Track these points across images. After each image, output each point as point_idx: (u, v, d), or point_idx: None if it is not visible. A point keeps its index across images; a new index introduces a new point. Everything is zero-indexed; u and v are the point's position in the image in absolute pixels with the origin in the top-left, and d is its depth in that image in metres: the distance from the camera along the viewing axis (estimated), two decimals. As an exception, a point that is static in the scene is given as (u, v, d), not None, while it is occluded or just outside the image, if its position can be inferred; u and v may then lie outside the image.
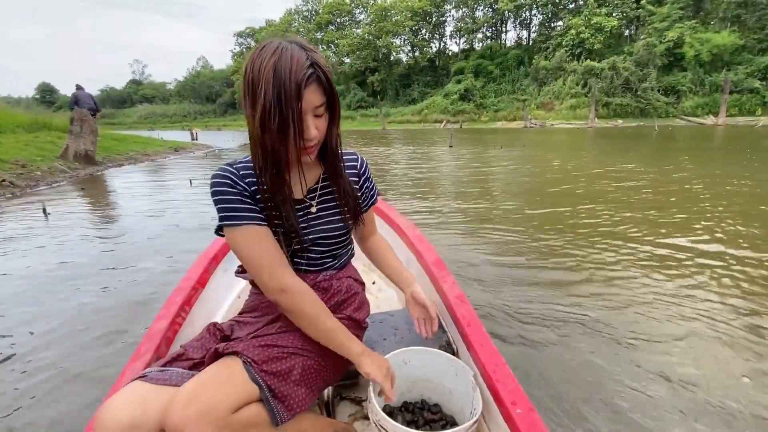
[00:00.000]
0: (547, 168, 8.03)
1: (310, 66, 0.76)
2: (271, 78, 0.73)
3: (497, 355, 0.99)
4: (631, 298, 2.41)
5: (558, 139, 17.92)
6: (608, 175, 6.73)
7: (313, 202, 0.94)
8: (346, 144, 16.56)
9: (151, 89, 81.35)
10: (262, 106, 0.74)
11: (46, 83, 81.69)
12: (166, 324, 1.13)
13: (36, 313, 2.27)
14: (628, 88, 33.37)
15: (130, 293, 2.54)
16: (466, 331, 1.09)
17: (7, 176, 5.68)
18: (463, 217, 4.33)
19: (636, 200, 4.89)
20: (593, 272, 2.80)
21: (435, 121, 39.42)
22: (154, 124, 54.28)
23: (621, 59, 34.39)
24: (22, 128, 9.92)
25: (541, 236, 3.59)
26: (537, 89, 38.44)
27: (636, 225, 3.85)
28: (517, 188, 5.88)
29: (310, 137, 0.80)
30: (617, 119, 32.05)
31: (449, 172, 7.88)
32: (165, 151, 12.13)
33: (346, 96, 51.00)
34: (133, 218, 4.40)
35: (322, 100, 0.80)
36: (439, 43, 56.03)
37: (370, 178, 1.08)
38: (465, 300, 1.23)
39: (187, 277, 1.43)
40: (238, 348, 0.77)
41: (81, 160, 7.91)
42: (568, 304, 2.36)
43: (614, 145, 13.24)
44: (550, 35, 43.56)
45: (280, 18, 62.08)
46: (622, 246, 3.27)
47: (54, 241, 3.58)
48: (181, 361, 0.82)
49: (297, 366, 0.81)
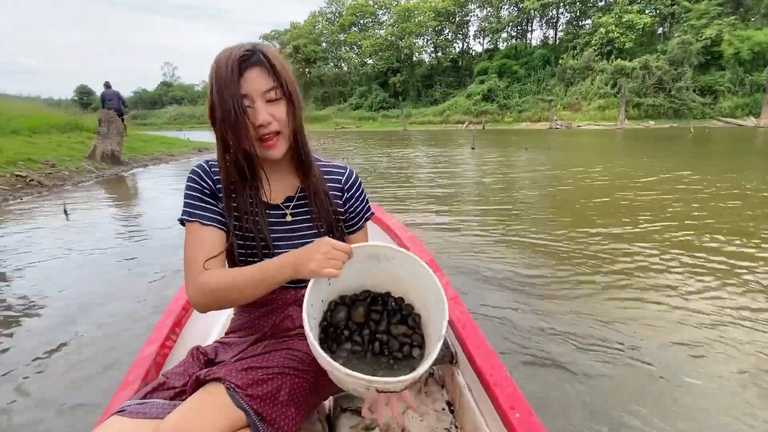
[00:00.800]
0: (585, 174, 7.63)
1: (246, 50, 0.75)
2: (213, 74, 0.74)
3: (494, 357, 0.96)
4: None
5: (587, 141, 17.29)
6: (663, 183, 6.17)
7: (288, 210, 0.90)
8: (364, 145, 16.34)
9: (180, 91, 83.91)
10: (209, 100, 0.76)
11: (84, 85, 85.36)
12: (156, 348, 1.08)
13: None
14: (661, 88, 32.03)
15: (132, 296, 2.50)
16: (462, 333, 1.06)
17: (36, 176, 5.85)
18: (491, 235, 3.94)
19: (713, 213, 4.20)
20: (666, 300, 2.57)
21: (457, 122, 38.94)
22: (182, 125, 55.89)
23: (654, 58, 33.04)
24: (56, 129, 10.31)
25: (590, 265, 3.08)
26: (563, 89, 37.41)
27: (723, 252, 3.13)
28: (553, 201, 5.59)
29: (263, 122, 0.77)
30: (648, 120, 30.80)
31: (472, 176, 7.62)
32: (189, 151, 12.38)
33: (368, 97, 51.11)
34: (149, 218, 4.42)
35: (271, 85, 0.77)
36: (462, 43, 55.43)
37: (360, 197, 0.99)
38: (459, 301, 1.20)
39: (178, 296, 1.38)
40: (220, 374, 0.73)
41: (107, 160, 8.12)
42: (627, 336, 2.15)
43: (650, 147, 12.64)
44: (578, 34, 42.38)
45: (304, 20, 62.94)
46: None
47: (73, 243, 3.61)
48: (162, 390, 0.77)
49: (284, 386, 0.76)
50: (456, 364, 1.14)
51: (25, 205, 4.86)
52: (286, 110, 0.80)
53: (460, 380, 1.10)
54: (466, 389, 1.07)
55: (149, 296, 2.54)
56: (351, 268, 0.78)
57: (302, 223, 0.90)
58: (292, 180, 0.92)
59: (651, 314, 2.26)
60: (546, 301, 2.42)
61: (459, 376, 1.11)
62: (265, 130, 0.78)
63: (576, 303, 2.41)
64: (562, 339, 2.01)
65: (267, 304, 0.91)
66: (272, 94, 0.77)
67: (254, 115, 0.76)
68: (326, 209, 0.91)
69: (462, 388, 1.08)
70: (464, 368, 1.09)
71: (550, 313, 2.26)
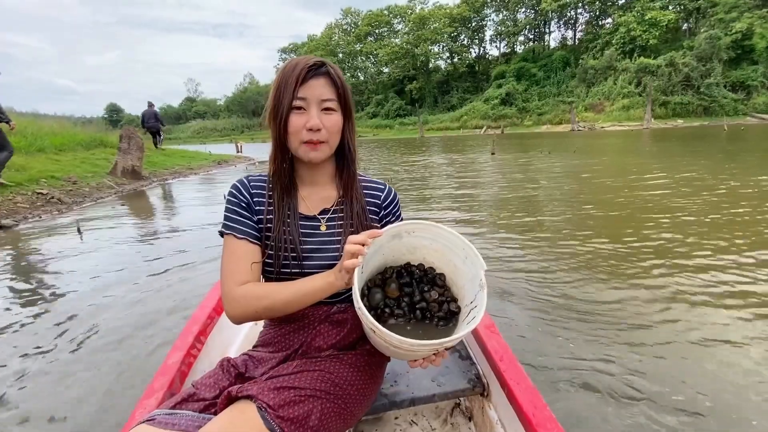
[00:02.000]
0: (620, 179, 7.27)
1: (317, 61, 0.80)
2: (278, 78, 0.80)
3: (536, 394, 0.90)
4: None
5: (612, 142, 16.58)
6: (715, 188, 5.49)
7: (323, 221, 0.91)
8: (381, 151, 16.17)
9: (203, 105, 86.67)
10: (269, 105, 0.81)
11: (113, 104, 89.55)
12: (181, 356, 1.08)
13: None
14: (689, 85, 30.87)
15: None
16: (499, 365, 1.00)
17: (57, 193, 5.94)
18: (526, 251, 3.52)
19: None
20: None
21: (475, 127, 38.57)
22: (205, 139, 57.49)
23: (680, 54, 31.94)
24: (81, 146, 10.61)
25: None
26: (585, 90, 36.55)
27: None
28: (587, 208, 5.24)
29: (312, 126, 0.80)
30: (677, 119, 29.65)
31: (494, 184, 7.35)
32: (209, 164, 12.51)
33: (384, 105, 51.35)
34: (163, 237, 4.36)
35: (332, 95, 0.81)
36: (478, 48, 55.21)
37: (396, 213, 0.99)
38: (496, 330, 1.14)
39: (203, 304, 1.38)
40: (252, 391, 0.72)
41: (128, 175, 8.25)
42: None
43: (682, 147, 11.99)
44: (598, 33, 41.52)
45: (321, 33, 64.10)
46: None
47: (87, 263, 3.57)
48: (192, 402, 0.76)
49: (315, 410, 0.75)
50: (487, 397, 1.08)
51: (42, 223, 4.91)
52: (339, 123, 0.84)
53: (491, 414, 1.05)
54: (498, 424, 1.01)
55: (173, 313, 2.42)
56: (378, 252, 0.82)
57: (335, 235, 0.90)
58: (331, 192, 0.94)
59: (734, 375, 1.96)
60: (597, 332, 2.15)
61: (490, 409, 1.06)
62: (313, 135, 0.81)
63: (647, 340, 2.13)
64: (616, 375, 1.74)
65: (298, 319, 0.91)
66: (329, 104, 0.81)
67: (307, 117, 0.80)
68: (362, 224, 0.91)
69: (494, 422, 1.02)
70: (497, 402, 1.03)
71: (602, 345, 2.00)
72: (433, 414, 1.23)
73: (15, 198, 5.34)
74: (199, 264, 3.29)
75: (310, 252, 0.87)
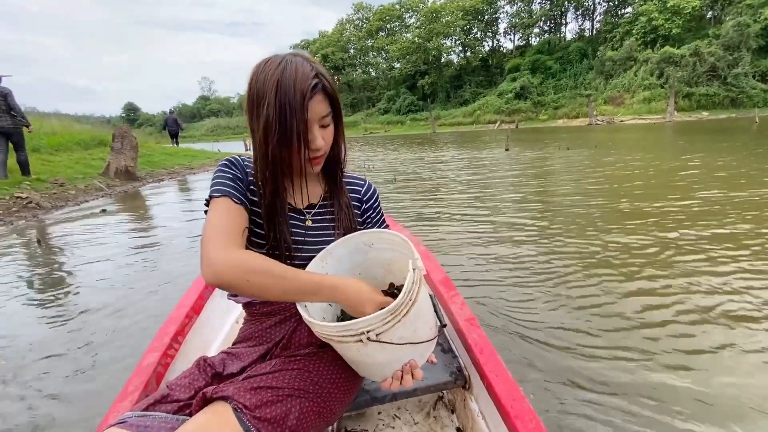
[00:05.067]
0: (648, 174, 6.58)
1: (315, 77, 0.76)
2: (275, 91, 0.74)
3: (514, 386, 0.91)
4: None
5: (635, 136, 15.61)
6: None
7: (309, 216, 0.92)
8: (393, 146, 15.73)
9: (217, 104, 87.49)
10: (266, 119, 0.74)
11: (131, 103, 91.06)
12: (157, 357, 1.05)
13: None
14: (715, 76, 29.37)
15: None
16: (479, 358, 1.01)
17: (38, 197, 5.59)
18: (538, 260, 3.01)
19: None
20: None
21: (488, 122, 37.65)
22: (219, 136, 57.85)
23: (705, 43, 30.40)
24: (79, 145, 10.38)
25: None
26: (603, 83, 35.21)
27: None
28: (609, 211, 4.59)
29: (317, 147, 0.80)
30: (702, 111, 28.23)
31: (508, 183, 6.76)
32: (210, 163, 12.13)
33: (396, 101, 50.68)
34: (132, 250, 3.94)
35: (328, 110, 0.80)
36: (492, 41, 53.93)
37: (377, 208, 1.01)
38: (476, 323, 1.14)
39: (181, 304, 1.35)
40: (228, 392, 0.70)
41: (122, 176, 7.91)
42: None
43: (709, 141, 11.12)
44: (617, 23, 39.93)
45: (332, 29, 63.61)
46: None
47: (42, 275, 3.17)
48: (165, 403, 0.73)
49: (294, 409, 0.74)
50: (469, 390, 1.10)
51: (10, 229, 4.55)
52: (333, 132, 0.85)
53: (473, 407, 1.07)
54: (479, 416, 1.04)
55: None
56: (347, 269, 0.88)
57: (320, 229, 0.92)
58: (316, 188, 0.95)
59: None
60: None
61: (472, 402, 1.08)
62: (317, 153, 0.82)
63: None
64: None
65: (277, 313, 0.90)
66: (326, 120, 0.80)
67: (311, 140, 0.79)
68: (346, 218, 0.93)
69: (475, 414, 1.05)
70: (478, 394, 1.05)
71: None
72: (416, 408, 1.23)
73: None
74: (159, 286, 2.84)
75: (295, 244, 0.87)
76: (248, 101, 0.78)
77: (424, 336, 0.75)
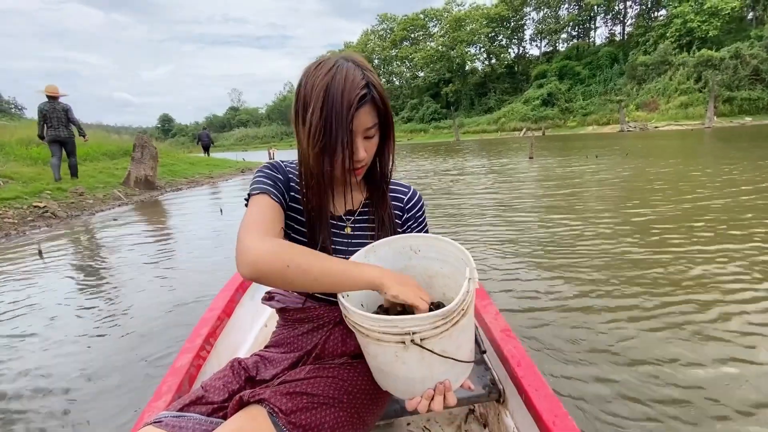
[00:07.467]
0: (688, 188, 6.09)
1: (364, 86, 0.74)
2: (323, 98, 0.72)
3: (555, 401, 0.86)
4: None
5: (672, 144, 14.68)
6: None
7: (349, 223, 0.91)
8: (413, 154, 15.55)
9: (246, 114, 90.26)
10: (311, 125, 0.73)
11: (165, 114, 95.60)
12: (190, 358, 1.06)
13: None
14: (759, 79, 27.65)
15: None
16: (516, 371, 0.96)
17: (55, 206, 5.71)
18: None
19: None
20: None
21: (513, 129, 36.87)
22: (247, 146, 59.47)
23: (746, 45, 28.72)
24: (107, 156, 10.73)
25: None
26: (635, 88, 33.84)
27: None
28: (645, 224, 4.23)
29: (359, 159, 0.79)
30: (744, 116, 26.55)
31: (527, 194, 6.40)
32: (230, 172, 12.25)
33: (419, 109, 50.56)
34: (143, 263, 3.87)
35: (374, 122, 0.78)
36: (517, 47, 53.12)
37: (419, 218, 0.97)
38: (512, 334, 1.09)
39: (212, 306, 1.36)
40: (264, 396, 0.70)
41: (141, 185, 8.06)
42: None
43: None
44: (650, 26, 38.41)
45: (357, 40, 64.44)
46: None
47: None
48: (200, 405, 0.74)
49: (328, 419, 0.73)
50: (503, 404, 1.06)
51: (18, 240, 4.59)
52: (379, 144, 0.83)
53: (508, 422, 1.03)
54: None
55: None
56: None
57: (359, 238, 0.90)
58: (357, 194, 0.93)
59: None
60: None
61: (507, 417, 1.04)
62: (359, 165, 0.80)
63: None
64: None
65: (311, 320, 0.89)
66: (371, 131, 0.79)
67: (354, 151, 0.77)
68: (387, 226, 0.92)
69: (510, 430, 1.01)
70: (514, 409, 1.01)
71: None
72: (446, 420, 1.21)
73: (7, 212, 5.12)
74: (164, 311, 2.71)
75: (334, 252, 0.86)
76: (295, 106, 0.77)
77: (465, 356, 0.71)
